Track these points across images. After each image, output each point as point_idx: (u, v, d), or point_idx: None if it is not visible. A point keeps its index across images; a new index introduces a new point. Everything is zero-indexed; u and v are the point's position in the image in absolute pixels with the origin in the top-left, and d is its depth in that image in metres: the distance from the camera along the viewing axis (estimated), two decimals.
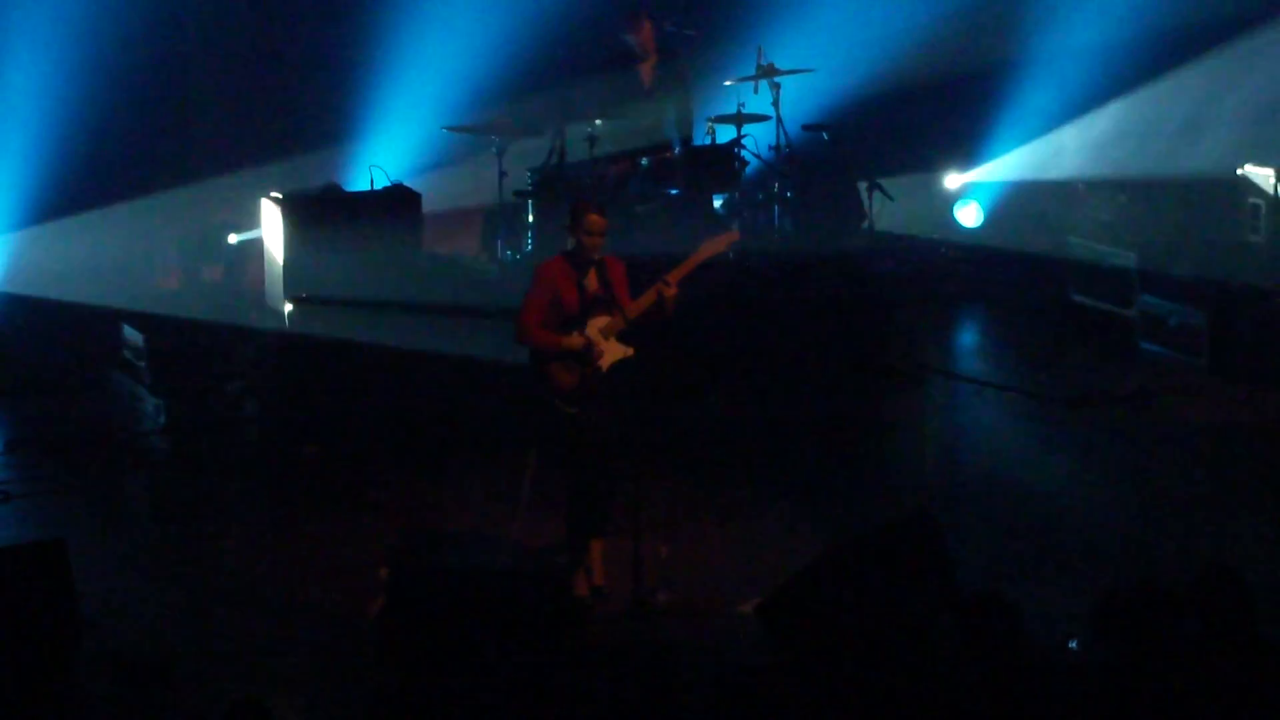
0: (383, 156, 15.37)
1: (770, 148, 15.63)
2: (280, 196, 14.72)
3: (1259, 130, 16.08)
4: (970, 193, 17.38)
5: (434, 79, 16.35)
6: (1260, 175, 15.26)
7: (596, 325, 9.85)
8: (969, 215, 17.29)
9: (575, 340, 9.83)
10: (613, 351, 9.88)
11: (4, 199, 15.68)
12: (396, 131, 16.26)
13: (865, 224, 16.17)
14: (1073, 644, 7.85)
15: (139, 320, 14.01)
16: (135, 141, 16.41)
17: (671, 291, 9.84)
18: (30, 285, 15.34)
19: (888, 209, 16.13)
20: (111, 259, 15.95)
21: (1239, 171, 15.43)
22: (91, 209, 15.92)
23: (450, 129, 15.75)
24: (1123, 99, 17.13)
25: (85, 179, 15.79)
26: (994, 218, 17.21)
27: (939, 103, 17.64)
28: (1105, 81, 17.25)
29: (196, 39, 16.76)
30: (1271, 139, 15.84)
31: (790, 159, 15.71)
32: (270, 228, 14.80)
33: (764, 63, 15.50)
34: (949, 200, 17.38)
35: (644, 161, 15.02)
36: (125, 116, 16.16)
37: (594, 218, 9.80)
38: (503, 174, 15.03)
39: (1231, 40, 16.55)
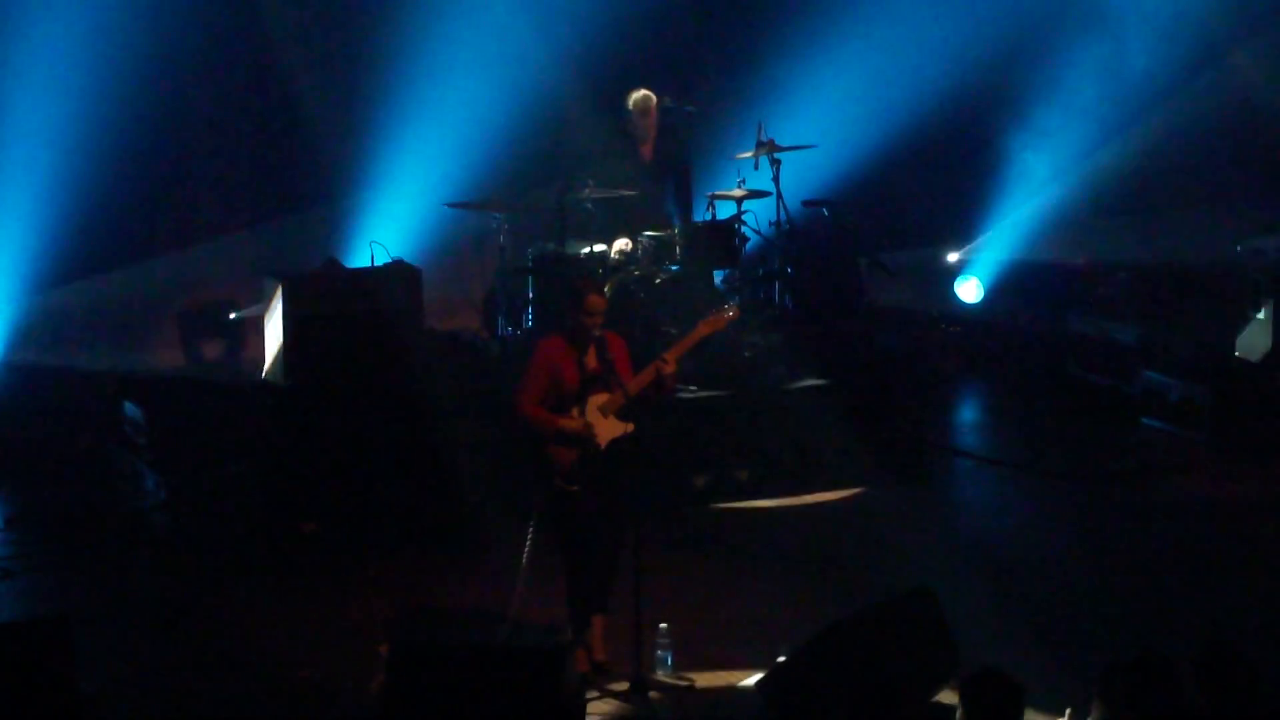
0: (383, 232, 15.38)
1: (770, 224, 15.63)
2: (281, 274, 14.75)
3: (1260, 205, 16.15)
4: (970, 268, 17.42)
5: (436, 155, 16.41)
6: (1259, 250, 15.27)
7: (596, 403, 9.84)
8: (969, 291, 17.32)
9: (573, 423, 9.81)
10: (612, 429, 9.86)
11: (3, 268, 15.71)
12: (397, 207, 16.30)
13: (865, 299, 16.19)
14: None
15: (139, 394, 14.01)
16: (133, 210, 16.46)
17: (670, 369, 9.85)
18: (30, 356, 15.34)
19: (888, 284, 16.16)
20: (111, 333, 15.97)
21: (1238, 247, 15.46)
22: (91, 276, 15.94)
23: (451, 205, 15.79)
24: (1119, 170, 17.22)
25: (83, 247, 15.80)
26: (994, 293, 17.24)
27: (939, 179, 17.70)
28: (1104, 154, 17.33)
29: (197, 111, 16.82)
30: (1269, 214, 15.88)
31: (791, 235, 15.73)
32: (271, 304, 14.83)
33: (764, 139, 15.52)
34: (949, 276, 17.42)
35: (644, 237, 15.04)
36: (123, 185, 16.19)
37: (594, 299, 9.80)
38: (503, 250, 15.05)
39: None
